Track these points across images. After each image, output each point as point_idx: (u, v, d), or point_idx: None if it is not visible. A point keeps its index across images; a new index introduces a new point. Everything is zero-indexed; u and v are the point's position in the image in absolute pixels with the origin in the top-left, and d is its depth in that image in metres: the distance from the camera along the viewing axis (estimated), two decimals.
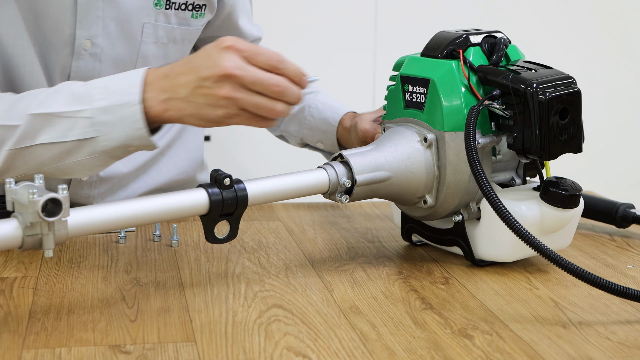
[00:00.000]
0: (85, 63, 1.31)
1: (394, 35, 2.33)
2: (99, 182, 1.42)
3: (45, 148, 1.13)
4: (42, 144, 1.13)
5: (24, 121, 1.13)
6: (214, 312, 1.01)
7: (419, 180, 1.14)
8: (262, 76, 1.06)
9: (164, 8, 1.34)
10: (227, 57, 1.06)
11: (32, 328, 0.96)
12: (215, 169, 1.06)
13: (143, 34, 1.34)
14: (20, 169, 1.15)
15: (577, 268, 0.99)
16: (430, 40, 1.18)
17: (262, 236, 1.32)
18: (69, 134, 1.12)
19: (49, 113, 1.12)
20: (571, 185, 1.13)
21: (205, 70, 1.07)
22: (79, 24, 1.28)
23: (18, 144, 1.13)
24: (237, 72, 1.05)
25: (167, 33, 1.37)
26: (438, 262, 1.20)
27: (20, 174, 1.16)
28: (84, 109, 1.12)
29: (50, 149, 1.13)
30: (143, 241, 1.28)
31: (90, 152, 1.13)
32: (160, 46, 1.37)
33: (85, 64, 1.31)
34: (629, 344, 0.94)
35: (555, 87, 1.10)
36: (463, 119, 1.12)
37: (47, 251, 0.93)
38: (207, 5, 1.39)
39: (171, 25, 1.36)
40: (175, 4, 1.35)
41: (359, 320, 0.99)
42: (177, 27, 1.37)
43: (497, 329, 0.97)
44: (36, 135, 1.13)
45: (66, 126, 1.12)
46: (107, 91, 1.12)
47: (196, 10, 1.38)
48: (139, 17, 1.33)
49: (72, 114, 1.12)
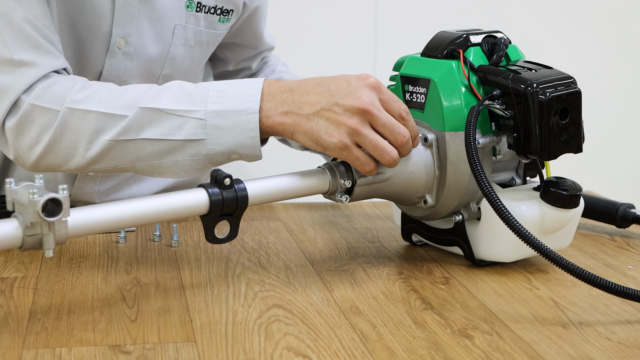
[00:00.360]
0: (118, 61, 1.32)
1: (394, 35, 2.33)
2: (105, 178, 1.42)
3: (149, 143, 1.12)
4: (147, 139, 1.12)
5: (133, 113, 1.11)
6: (214, 312, 1.01)
7: (419, 180, 1.14)
8: (393, 121, 1.08)
9: (195, 10, 1.36)
10: (368, 93, 1.07)
11: (32, 328, 0.96)
12: (215, 169, 1.06)
13: (174, 35, 1.35)
14: (114, 161, 1.14)
15: (577, 268, 0.99)
16: (431, 40, 1.18)
17: (262, 236, 1.32)
18: (177, 132, 1.11)
19: (159, 109, 1.11)
20: (571, 185, 1.13)
21: (341, 97, 1.07)
22: (116, 21, 1.29)
23: (121, 136, 1.12)
24: (374, 110, 1.07)
25: (195, 35, 1.38)
26: (438, 262, 1.20)
27: (110, 166, 1.14)
28: (197, 110, 1.10)
29: (153, 145, 1.12)
30: (143, 241, 1.28)
31: (193, 153, 1.11)
32: (188, 48, 1.38)
33: (118, 62, 1.32)
34: (629, 344, 0.94)
35: (555, 87, 1.10)
36: (463, 119, 1.12)
37: (48, 251, 0.93)
38: (234, 10, 1.41)
39: (199, 28, 1.38)
40: (206, 7, 1.37)
41: (359, 320, 0.99)
42: (204, 30, 1.38)
43: (497, 329, 0.97)
44: (142, 129, 1.12)
45: (176, 124, 1.11)
46: (224, 95, 1.11)
47: (224, 15, 1.39)
48: (171, 18, 1.34)
49: (183, 113, 1.11)
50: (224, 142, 1.10)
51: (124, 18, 1.29)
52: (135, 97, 1.13)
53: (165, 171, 1.13)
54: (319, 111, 1.08)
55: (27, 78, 1.15)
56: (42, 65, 1.17)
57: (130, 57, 1.32)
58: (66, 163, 1.15)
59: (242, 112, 1.09)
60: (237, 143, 1.10)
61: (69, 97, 1.13)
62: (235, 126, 1.09)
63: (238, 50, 1.54)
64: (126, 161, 1.13)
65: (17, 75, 1.15)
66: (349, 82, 1.09)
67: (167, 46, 1.35)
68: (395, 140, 1.08)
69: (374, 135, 1.07)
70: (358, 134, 1.07)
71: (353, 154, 1.08)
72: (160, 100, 1.12)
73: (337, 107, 1.07)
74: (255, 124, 1.09)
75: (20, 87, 1.15)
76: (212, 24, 1.39)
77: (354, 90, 1.08)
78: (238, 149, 1.10)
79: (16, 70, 1.15)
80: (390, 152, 1.08)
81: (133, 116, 1.11)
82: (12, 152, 1.18)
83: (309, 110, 1.08)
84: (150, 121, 1.11)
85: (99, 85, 1.16)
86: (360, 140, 1.07)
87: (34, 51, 1.17)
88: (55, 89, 1.15)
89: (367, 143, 1.07)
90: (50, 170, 1.17)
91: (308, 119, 1.08)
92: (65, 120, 1.13)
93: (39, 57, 1.17)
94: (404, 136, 1.08)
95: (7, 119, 1.16)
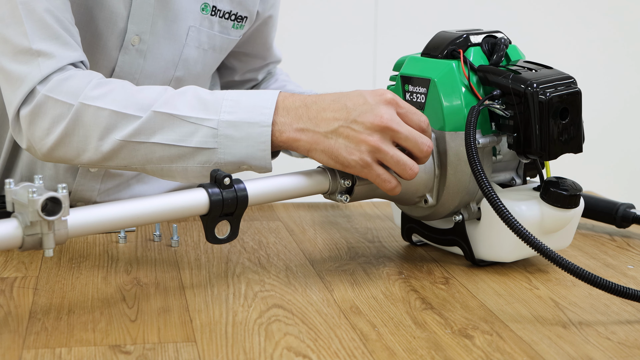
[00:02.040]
0: (131, 58, 1.32)
1: (394, 35, 2.33)
2: (107, 177, 1.42)
3: (160, 147, 1.12)
4: (158, 143, 1.12)
5: (146, 115, 1.12)
6: (214, 312, 1.01)
7: (419, 179, 1.14)
8: (415, 133, 1.08)
9: (210, 14, 1.36)
10: (386, 109, 1.07)
11: (32, 328, 0.96)
12: (215, 169, 1.06)
13: (187, 37, 1.35)
14: (124, 160, 1.14)
15: (578, 268, 0.99)
16: (431, 40, 1.18)
17: (262, 236, 1.32)
18: (189, 139, 1.11)
19: (173, 114, 1.11)
20: (571, 186, 1.13)
21: (359, 114, 1.07)
22: (132, 18, 1.29)
23: (132, 137, 1.12)
24: (394, 125, 1.06)
25: (209, 39, 1.38)
26: (438, 262, 1.20)
27: (122, 165, 1.15)
28: (210, 119, 1.10)
29: (164, 150, 1.12)
30: (143, 241, 1.28)
31: (203, 161, 1.11)
32: (201, 52, 1.39)
33: (131, 59, 1.32)
34: (629, 344, 0.94)
35: (555, 87, 1.10)
36: (463, 119, 1.12)
37: (47, 251, 0.93)
38: (248, 17, 1.41)
39: (213, 32, 1.38)
40: (220, 11, 1.37)
41: (359, 320, 0.99)
42: (218, 34, 1.39)
43: (497, 329, 0.97)
44: (154, 133, 1.12)
45: (188, 131, 1.11)
46: (237, 105, 1.11)
47: (238, 21, 1.40)
48: (186, 19, 1.34)
49: (196, 120, 1.11)
50: (235, 152, 1.10)
51: (140, 15, 1.30)
52: (149, 99, 1.13)
53: (175, 175, 1.14)
54: (337, 129, 1.07)
55: (44, 69, 1.16)
56: (60, 56, 1.17)
57: (144, 55, 1.33)
58: (78, 157, 1.16)
59: (254, 124, 1.09)
60: (248, 154, 1.10)
61: (84, 93, 1.14)
62: (247, 138, 1.10)
63: (246, 60, 1.54)
64: (137, 162, 1.14)
65: (35, 65, 1.16)
66: (365, 99, 1.08)
67: (181, 47, 1.36)
68: (421, 151, 1.08)
69: (395, 151, 1.07)
70: (379, 151, 1.06)
71: (374, 172, 1.07)
72: (174, 105, 1.12)
73: (356, 124, 1.07)
74: (267, 137, 1.09)
75: (37, 77, 1.16)
76: (226, 29, 1.40)
77: (372, 108, 1.07)
78: (248, 160, 1.10)
79: (34, 60, 1.16)
80: (412, 166, 1.08)
81: (146, 119, 1.12)
82: (25, 140, 1.19)
83: (326, 127, 1.08)
84: (163, 126, 1.12)
85: (115, 84, 1.16)
86: (382, 157, 1.07)
87: (53, 42, 1.17)
88: (71, 83, 1.15)
89: (389, 159, 1.07)
90: (63, 161, 1.18)
91: (326, 136, 1.08)
92: (78, 115, 1.14)
93: (57, 49, 1.17)
94: (429, 146, 1.08)
95: (22, 107, 1.17)
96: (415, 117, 1.09)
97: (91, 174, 1.40)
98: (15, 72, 1.16)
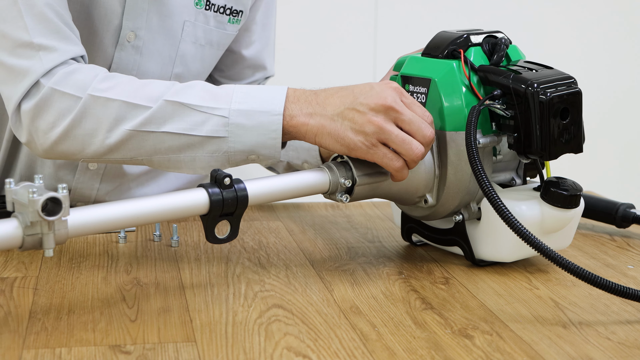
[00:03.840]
0: (127, 55, 1.33)
1: (394, 35, 2.33)
2: (107, 177, 1.42)
3: (170, 137, 1.13)
4: (168, 132, 1.13)
5: (157, 105, 1.12)
6: (214, 312, 1.01)
7: (420, 179, 1.14)
8: (418, 118, 1.09)
9: (204, 8, 1.37)
10: (391, 93, 1.08)
11: (32, 328, 0.96)
12: (215, 169, 1.06)
13: (183, 32, 1.36)
14: (131, 152, 1.15)
15: (578, 268, 0.99)
16: (431, 40, 1.18)
17: (262, 236, 1.32)
18: (199, 128, 1.12)
19: (184, 103, 1.12)
20: (571, 186, 1.13)
21: (365, 96, 1.08)
22: (126, 14, 1.30)
23: (142, 127, 1.13)
24: (398, 106, 1.08)
25: (205, 34, 1.39)
26: (438, 262, 1.20)
27: (127, 157, 1.15)
28: (221, 108, 1.12)
29: (174, 139, 1.13)
30: (143, 241, 1.28)
31: (213, 150, 1.13)
32: (198, 47, 1.39)
33: (127, 56, 1.33)
34: (629, 344, 0.94)
35: (556, 87, 1.10)
36: (464, 119, 1.12)
37: (48, 251, 0.93)
38: (243, 12, 1.42)
39: (209, 27, 1.39)
40: (215, 5, 1.38)
41: (359, 320, 0.99)
42: (214, 29, 1.39)
43: (497, 329, 0.97)
44: (164, 122, 1.13)
45: (198, 120, 1.12)
46: (248, 96, 1.12)
47: (233, 16, 1.41)
48: (181, 14, 1.35)
49: (207, 110, 1.12)
50: (245, 141, 1.11)
51: (134, 11, 1.30)
52: (158, 91, 1.14)
53: (182, 166, 1.15)
54: (343, 111, 1.09)
55: (47, 62, 1.16)
56: (62, 50, 1.18)
57: (140, 51, 1.33)
58: (82, 151, 1.16)
59: (266, 112, 1.11)
60: (259, 143, 1.11)
61: (92, 85, 1.15)
62: (259, 126, 1.11)
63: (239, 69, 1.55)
64: (144, 153, 1.14)
65: (36, 59, 1.16)
66: (371, 86, 1.10)
67: (177, 43, 1.36)
68: (424, 136, 1.08)
69: (400, 131, 1.08)
70: (383, 131, 1.07)
71: (380, 152, 1.08)
72: (184, 96, 1.13)
73: (361, 105, 1.08)
74: (278, 125, 1.10)
75: (40, 70, 1.16)
76: (221, 24, 1.40)
77: (378, 91, 1.09)
78: (258, 149, 1.11)
79: (35, 55, 1.16)
80: (418, 146, 1.08)
81: (157, 108, 1.12)
82: (25, 135, 1.18)
83: (332, 110, 1.09)
84: (174, 115, 1.12)
85: (122, 77, 1.17)
86: (386, 137, 1.07)
87: (54, 36, 1.18)
88: (78, 76, 1.16)
89: (394, 139, 1.07)
90: (64, 157, 1.18)
91: (332, 119, 1.09)
92: (86, 107, 1.14)
93: (58, 43, 1.18)
94: (432, 132, 1.09)
95: (23, 101, 1.17)
96: (419, 109, 1.10)
97: (90, 172, 1.40)
98: (15, 66, 1.16)
